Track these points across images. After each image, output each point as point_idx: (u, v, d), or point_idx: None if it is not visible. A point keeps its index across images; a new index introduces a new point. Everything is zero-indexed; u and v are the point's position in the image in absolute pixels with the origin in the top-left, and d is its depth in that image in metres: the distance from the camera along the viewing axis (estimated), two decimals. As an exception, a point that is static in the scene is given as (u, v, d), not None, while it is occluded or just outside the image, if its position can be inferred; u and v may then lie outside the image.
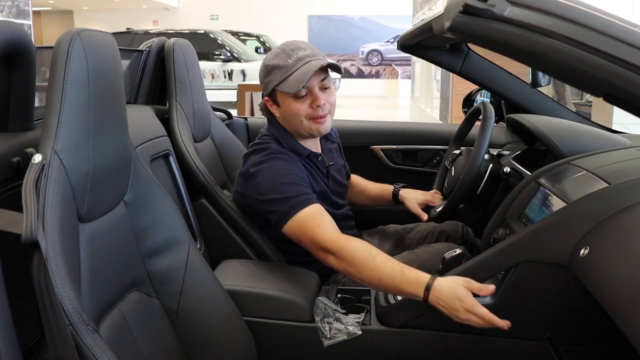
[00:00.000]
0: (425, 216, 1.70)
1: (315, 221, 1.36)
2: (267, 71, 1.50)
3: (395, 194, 1.83)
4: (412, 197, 1.77)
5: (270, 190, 1.42)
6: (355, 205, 1.85)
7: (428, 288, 1.18)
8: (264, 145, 1.54)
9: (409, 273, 1.22)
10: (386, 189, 1.87)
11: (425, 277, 1.20)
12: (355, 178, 1.92)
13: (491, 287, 1.15)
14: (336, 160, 1.73)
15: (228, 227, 1.67)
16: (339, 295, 1.42)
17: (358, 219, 1.78)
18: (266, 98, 1.56)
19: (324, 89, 1.50)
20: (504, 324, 1.13)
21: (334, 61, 1.48)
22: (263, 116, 1.66)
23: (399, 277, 1.22)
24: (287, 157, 1.49)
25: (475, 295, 1.15)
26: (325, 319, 1.32)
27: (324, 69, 1.48)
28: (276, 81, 1.47)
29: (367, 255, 1.27)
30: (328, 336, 1.30)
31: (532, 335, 1.21)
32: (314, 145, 1.62)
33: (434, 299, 1.17)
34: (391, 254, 1.76)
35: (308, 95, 1.48)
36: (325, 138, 1.70)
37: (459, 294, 1.15)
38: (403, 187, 1.84)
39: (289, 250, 1.59)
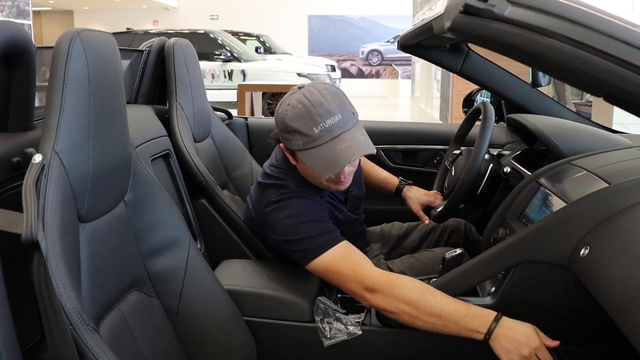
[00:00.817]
0: (426, 220, 1.70)
1: (351, 259, 1.28)
2: (286, 129, 1.29)
3: (399, 190, 1.81)
4: (415, 197, 1.76)
5: (291, 231, 1.33)
6: None
7: (497, 320, 1.15)
8: (282, 182, 1.41)
9: (473, 307, 1.18)
10: (391, 181, 1.84)
11: (492, 312, 1.17)
12: (362, 160, 1.82)
13: (556, 342, 1.14)
14: (357, 182, 1.60)
15: (228, 227, 1.67)
16: (339, 295, 1.42)
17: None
18: (282, 145, 1.36)
19: None
20: None
21: (368, 151, 1.28)
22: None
23: (464, 311, 1.17)
24: (308, 195, 1.38)
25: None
26: (325, 319, 1.32)
27: None
28: (297, 147, 1.29)
29: (425, 292, 1.20)
30: (328, 336, 1.30)
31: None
32: None
33: (501, 332, 1.14)
34: (393, 253, 1.78)
35: None
36: None
37: (530, 333, 1.14)
38: (409, 184, 1.82)
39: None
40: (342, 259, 1.28)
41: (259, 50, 10.84)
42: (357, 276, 1.25)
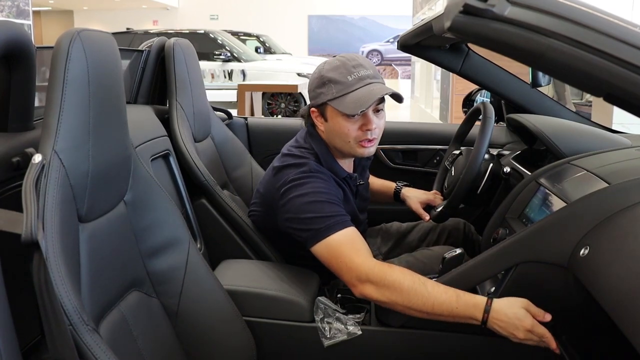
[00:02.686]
0: (427, 216, 1.70)
1: (353, 246, 1.28)
2: (322, 82, 1.40)
3: (397, 192, 1.82)
4: (414, 196, 1.77)
5: (304, 209, 1.33)
6: None
7: (487, 310, 1.15)
8: (302, 161, 1.43)
9: (465, 296, 1.17)
10: (388, 185, 1.87)
11: (483, 298, 1.17)
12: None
13: (548, 316, 1.14)
14: (365, 178, 1.69)
15: (228, 227, 1.67)
16: (339, 295, 1.42)
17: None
18: (313, 109, 1.45)
19: (377, 111, 1.41)
20: (556, 345, 1.12)
21: (397, 92, 1.37)
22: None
23: (455, 301, 1.17)
24: (326, 177, 1.41)
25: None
26: (325, 319, 1.32)
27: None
28: (331, 96, 1.38)
29: (416, 282, 1.20)
30: (328, 336, 1.30)
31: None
32: (349, 164, 1.56)
33: (494, 320, 1.14)
34: (392, 252, 1.78)
35: (360, 117, 1.39)
36: None
37: (519, 314, 1.13)
38: (405, 185, 1.84)
39: (288, 250, 1.58)
40: (345, 245, 1.28)
41: (258, 50, 10.82)
42: (352, 265, 1.25)
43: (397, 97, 1.38)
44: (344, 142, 1.42)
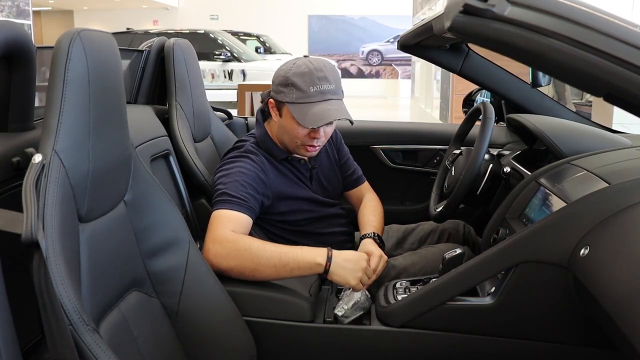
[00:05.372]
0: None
1: (225, 222, 1.36)
2: (285, 83, 1.47)
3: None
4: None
5: (221, 181, 1.46)
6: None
7: (329, 255, 1.30)
8: (240, 144, 1.58)
9: (306, 248, 1.32)
10: (363, 228, 1.66)
11: (325, 248, 1.32)
12: (367, 199, 1.77)
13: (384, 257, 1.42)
14: (323, 162, 1.68)
15: (228, 227, 1.66)
16: (339, 295, 1.42)
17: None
18: (271, 100, 1.54)
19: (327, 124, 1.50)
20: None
21: (350, 118, 1.47)
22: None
23: (299, 249, 1.31)
24: (255, 158, 1.50)
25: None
26: (341, 306, 1.33)
27: None
28: (290, 99, 1.46)
29: (261, 242, 1.33)
30: (346, 314, 1.32)
31: (532, 335, 1.21)
32: None
33: (336, 260, 1.29)
34: (393, 254, 1.77)
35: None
36: None
37: (359, 255, 1.33)
38: (369, 236, 1.60)
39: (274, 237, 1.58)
40: (221, 219, 1.37)
41: (259, 50, 10.83)
42: (214, 231, 1.35)
43: (349, 122, 1.49)
44: (291, 141, 1.53)
